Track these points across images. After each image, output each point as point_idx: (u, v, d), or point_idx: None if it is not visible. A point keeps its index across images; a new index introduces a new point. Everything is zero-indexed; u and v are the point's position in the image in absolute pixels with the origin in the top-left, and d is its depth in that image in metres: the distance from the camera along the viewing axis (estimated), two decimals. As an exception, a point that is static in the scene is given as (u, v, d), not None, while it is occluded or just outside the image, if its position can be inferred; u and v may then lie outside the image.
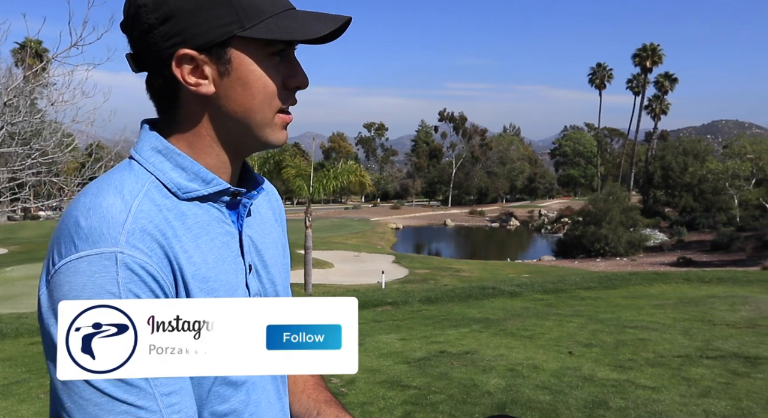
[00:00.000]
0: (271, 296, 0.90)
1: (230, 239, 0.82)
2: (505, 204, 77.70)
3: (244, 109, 0.79)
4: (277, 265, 0.93)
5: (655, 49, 60.62)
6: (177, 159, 0.80)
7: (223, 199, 0.82)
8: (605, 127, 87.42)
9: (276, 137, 0.83)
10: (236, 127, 0.81)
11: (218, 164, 0.82)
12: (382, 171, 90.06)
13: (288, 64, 0.81)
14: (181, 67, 0.76)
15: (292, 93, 0.83)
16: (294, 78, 0.81)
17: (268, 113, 0.80)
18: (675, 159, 49.17)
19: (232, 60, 0.77)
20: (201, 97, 0.78)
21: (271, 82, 0.79)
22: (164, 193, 0.78)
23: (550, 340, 6.53)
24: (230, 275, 0.80)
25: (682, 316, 7.97)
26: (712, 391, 4.69)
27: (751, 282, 11.42)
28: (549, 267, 29.43)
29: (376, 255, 32.45)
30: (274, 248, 0.94)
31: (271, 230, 0.95)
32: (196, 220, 0.78)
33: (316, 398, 1.02)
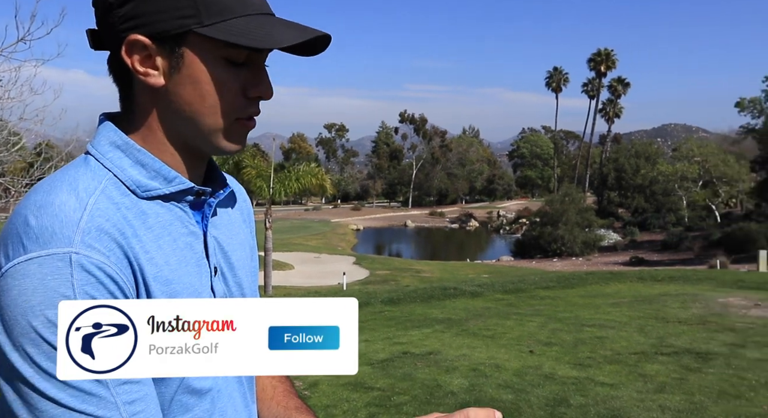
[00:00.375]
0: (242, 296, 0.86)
1: (194, 240, 0.78)
2: (465, 205, 78.59)
3: (193, 109, 0.74)
4: (244, 267, 0.89)
5: (609, 54, 62.43)
6: (137, 155, 0.75)
7: (187, 199, 0.78)
8: (561, 130, 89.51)
9: (228, 145, 0.77)
10: (185, 127, 0.76)
11: (174, 163, 0.77)
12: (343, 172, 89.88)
13: (252, 71, 0.76)
14: (131, 54, 0.72)
15: (253, 102, 0.77)
16: (256, 87, 0.76)
17: (220, 119, 0.75)
18: (628, 161, 50.72)
19: (185, 56, 0.73)
20: (153, 89, 0.74)
21: (227, 87, 0.74)
22: (123, 191, 0.73)
23: (512, 339, 6.62)
24: (194, 277, 0.76)
25: (637, 314, 8.20)
26: (667, 386, 4.84)
27: (701, 280, 11.85)
28: (508, 267, 29.90)
29: (337, 256, 32.33)
30: (241, 249, 0.89)
31: (239, 231, 0.91)
32: (158, 219, 0.74)
33: (286, 405, 0.98)
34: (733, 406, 4.37)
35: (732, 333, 6.81)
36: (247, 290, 0.88)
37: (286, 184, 19.18)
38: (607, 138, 72.11)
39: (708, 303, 8.94)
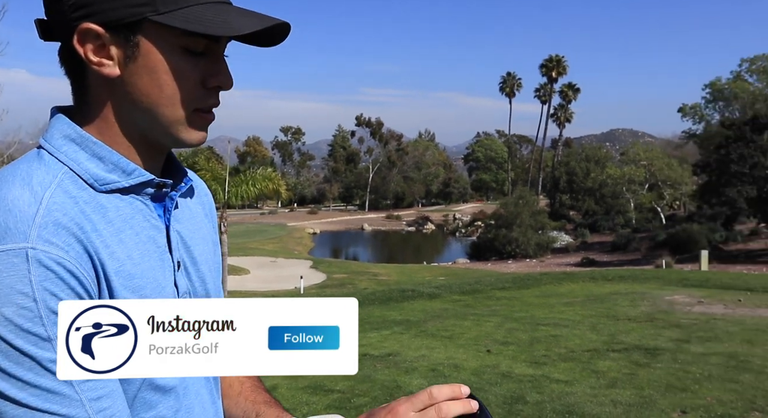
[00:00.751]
0: (200, 294, 0.84)
1: (156, 233, 0.76)
2: (421, 208, 79.19)
3: (150, 100, 0.72)
4: (207, 262, 0.86)
5: (560, 60, 64.12)
6: (93, 148, 0.72)
7: (147, 192, 0.76)
8: (515, 134, 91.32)
9: (189, 136, 0.75)
10: (143, 119, 0.74)
11: (130, 155, 0.75)
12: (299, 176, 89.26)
13: (211, 61, 0.74)
14: (84, 43, 0.70)
15: (212, 92, 0.75)
16: (215, 77, 0.74)
17: (178, 110, 0.73)
18: (578, 165, 52.19)
19: (141, 45, 0.70)
20: (108, 80, 0.71)
21: (185, 76, 0.72)
22: (80, 184, 0.70)
23: (469, 339, 6.71)
24: (157, 271, 0.74)
25: (590, 312, 8.44)
26: (618, 382, 5.00)
27: (648, 279, 12.29)
28: (464, 269, 30.28)
29: (294, 260, 32.07)
30: (204, 244, 0.87)
31: (201, 225, 0.89)
32: (118, 213, 0.72)
33: (254, 400, 0.96)
34: (680, 398, 4.54)
35: (677, 329, 7.08)
36: (210, 286, 0.86)
37: (242, 188, 18.94)
38: (558, 142, 74.01)
39: (655, 301, 9.27)
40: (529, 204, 39.46)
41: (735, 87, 46.44)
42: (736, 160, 28.89)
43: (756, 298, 9.55)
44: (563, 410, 4.31)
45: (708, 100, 49.65)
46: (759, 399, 4.46)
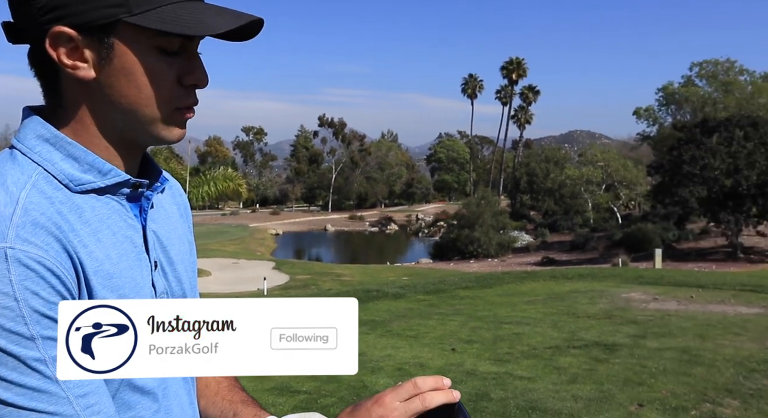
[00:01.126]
0: (177, 294, 0.84)
1: (133, 233, 0.76)
2: (384, 209, 79.36)
3: (129, 101, 0.72)
4: (183, 262, 0.87)
5: (520, 62, 65.24)
6: (68, 148, 0.72)
7: (123, 192, 0.76)
8: (476, 135, 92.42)
9: (169, 134, 0.76)
10: (122, 120, 0.74)
11: (108, 156, 0.75)
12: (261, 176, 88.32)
13: (186, 59, 0.74)
14: (56, 46, 0.69)
15: (189, 90, 0.75)
16: (191, 75, 0.74)
17: (157, 109, 0.73)
18: (539, 166, 53.19)
19: (115, 47, 0.70)
20: (83, 82, 0.71)
21: (162, 76, 0.72)
22: (55, 185, 0.70)
23: (434, 338, 6.78)
24: (135, 271, 0.74)
25: (551, 310, 8.63)
26: (579, 377, 5.13)
27: (606, 277, 12.63)
28: (427, 269, 30.50)
29: (256, 262, 31.70)
30: (180, 244, 0.87)
31: (177, 225, 0.89)
32: (94, 213, 0.71)
33: (231, 399, 0.97)
34: (637, 392, 4.70)
35: (634, 325, 7.31)
36: (186, 286, 0.86)
37: (203, 188, 18.65)
38: (519, 143, 75.27)
39: (613, 298, 9.54)
40: (491, 204, 40.00)
41: (685, 91, 48.16)
42: (687, 161, 29.89)
43: (707, 294, 9.93)
44: (526, 406, 4.41)
45: (661, 104, 51.34)
46: (710, 391, 4.65)
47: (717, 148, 29.68)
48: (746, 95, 45.11)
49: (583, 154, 55.81)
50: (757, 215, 30.27)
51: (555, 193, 49.73)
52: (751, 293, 10.00)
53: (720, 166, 29.40)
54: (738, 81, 46.77)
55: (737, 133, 29.94)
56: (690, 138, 31.11)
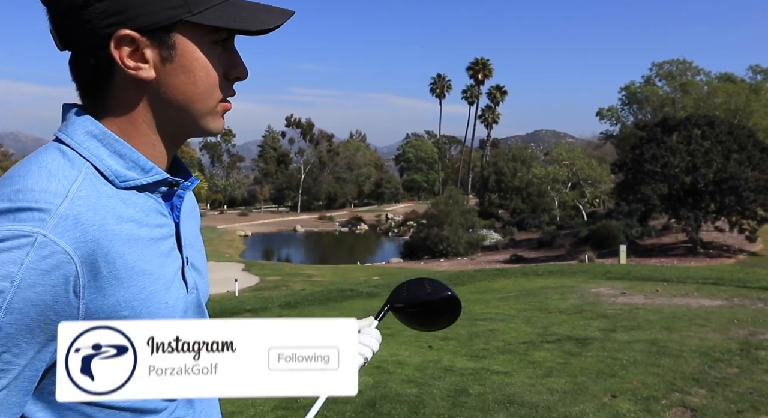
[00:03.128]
0: (203, 289, 0.87)
1: (168, 230, 0.79)
2: (354, 209, 79.26)
3: (186, 97, 0.76)
4: (202, 258, 0.91)
5: (485, 63, 65.93)
6: (115, 145, 0.74)
7: (161, 190, 0.79)
8: (444, 135, 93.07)
9: (216, 125, 0.81)
10: (176, 115, 0.77)
11: (154, 153, 0.78)
12: (229, 177, 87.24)
13: (229, 54, 0.79)
14: (120, 49, 0.71)
15: (231, 84, 0.81)
16: (235, 69, 0.79)
17: (210, 102, 0.78)
18: (506, 165, 53.88)
19: (177, 46, 0.73)
20: (139, 82, 0.74)
21: (215, 71, 0.76)
22: (101, 180, 0.72)
23: (411, 336, 6.83)
24: (168, 268, 0.77)
25: (523, 306, 8.78)
26: (553, 371, 5.24)
27: (575, 273, 12.90)
28: (397, 269, 30.59)
29: (225, 263, 31.31)
30: (198, 242, 0.92)
31: (195, 223, 0.93)
32: (137, 209, 0.74)
33: None
34: (609, 383, 4.82)
35: (604, 319, 7.49)
36: (206, 277, 0.90)
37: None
38: (486, 143, 76.09)
39: (583, 294, 9.75)
40: (460, 203, 40.35)
41: (646, 91, 49.44)
42: (649, 159, 30.68)
43: (671, 288, 10.23)
44: (504, 400, 4.49)
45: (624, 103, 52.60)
46: (678, 381, 4.81)
47: (677, 146, 30.56)
48: (703, 95, 46.56)
49: (549, 153, 56.77)
50: (715, 211, 31.27)
51: (522, 191, 50.45)
52: (713, 286, 10.35)
53: (680, 164, 30.28)
54: (695, 82, 48.23)
55: (695, 132, 30.88)
56: (651, 137, 31.96)
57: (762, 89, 46.61)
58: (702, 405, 4.22)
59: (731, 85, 45.39)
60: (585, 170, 44.96)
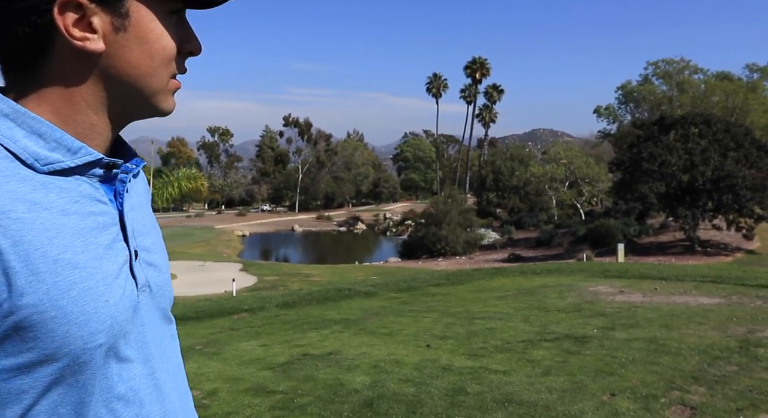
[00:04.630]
0: (160, 285, 0.76)
1: (107, 219, 0.68)
2: (352, 208, 79.28)
3: (140, 72, 0.67)
4: (161, 251, 0.80)
5: (483, 62, 65.98)
6: (31, 124, 0.64)
7: (95, 173, 0.68)
8: (442, 134, 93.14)
9: (168, 104, 0.72)
10: (125, 92, 0.68)
11: (91, 134, 0.68)
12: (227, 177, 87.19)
13: (183, 26, 0.71)
14: (64, 16, 0.62)
15: (184, 59, 0.72)
16: (189, 42, 0.71)
17: (163, 78, 0.69)
18: (504, 164, 53.94)
19: (131, 13, 0.65)
20: (83, 55, 0.64)
21: (172, 43, 0.68)
22: (16, 165, 0.62)
23: (408, 335, 6.80)
24: (107, 261, 0.66)
25: (521, 305, 8.75)
26: (552, 369, 5.22)
27: (573, 272, 12.88)
28: (395, 268, 30.60)
29: (223, 264, 31.32)
30: (153, 230, 0.80)
31: (148, 209, 0.82)
32: (60, 196, 0.64)
33: None
34: (608, 382, 4.80)
35: (603, 318, 7.47)
36: (165, 274, 0.79)
37: (167, 190, 18.35)
38: (484, 142, 76.17)
39: (581, 292, 9.74)
40: (458, 202, 40.38)
41: (643, 89, 49.53)
42: (646, 158, 30.71)
43: (670, 286, 10.22)
44: (503, 399, 4.46)
45: (621, 102, 52.71)
46: (677, 379, 4.79)
47: (674, 145, 30.59)
48: (700, 94, 46.64)
49: (546, 152, 56.88)
50: (713, 209, 31.32)
51: (520, 190, 50.50)
52: (711, 284, 10.33)
53: (677, 162, 30.31)
54: (692, 80, 48.35)
55: (692, 130, 30.93)
56: (648, 135, 31.99)
57: (759, 87, 46.71)
58: (701, 403, 4.19)
59: (729, 84, 45.50)
60: (583, 169, 45.02)
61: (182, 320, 9.28)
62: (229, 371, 5.50)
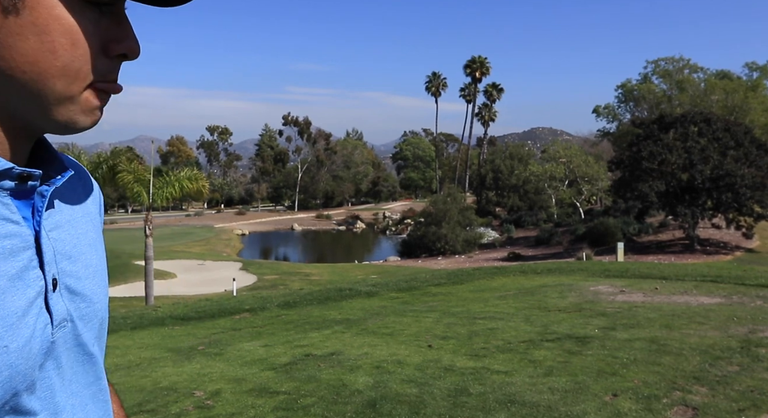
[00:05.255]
0: (86, 319, 0.64)
1: (17, 242, 0.56)
2: (351, 207, 79.34)
3: (39, 70, 0.54)
4: (96, 275, 0.67)
5: (482, 61, 65.95)
6: None
7: (5, 186, 0.56)
8: (441, 133, 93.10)
9: (82, 119, 0.58)
10: (21, 94, 0.55)
11: None
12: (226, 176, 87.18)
13: (115, 22, 0.57)
14: None
15: (114, 63, 0.58)
16: (120, 42, 0.57)
17: (73, 84, 0.55)
18: (503, 163, 53.97)
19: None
20: None
21: (84, 40, 0.55)
22: None
23: (410, 335, 6.80)
24: (14, 295, 0.54)
25: (522, 305, 8.76)
26: (554, 370, 5.23)
27: (573, 271, 12.89)
28: (395, 267, 30.60)
29: (222, 263, 31.34)
30: (92, 252, 0.67)
31: (88, 228, 0.68)
32: None
33: None
34: (610, 382, 4.81)
35: (604, 317, 7.48)
36: (98, 307, 0.67)
37: (167, 189, 18.34)
38: (483, 141, 76.11)
39: (581, 292, 9.75)
40: (457, 201, 40.40)
41: (642, 88, 49.55)
42: (646, 157, 30.72)
43: (670, 286, 10.23)
44: (505, 400, 4.47)
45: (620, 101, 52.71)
46: (679, 379, 4.80)
47: (673, 143, 30.61)
48: (700, 92, 46.66)
49: (546, 151, 56.88)
50: (712, 208, 31.35)
51: (519, 189, 50.54)
52: (712, 283, 10.34)
53: (676, 161, 30.33)
54: (691, 79, 48.38)
55: (692, 129, 30.94)
56: (648, 134, 32.00)
57: (759, 86, 46.75)
58: (703, 404, 4.21)
59: (728, 82, 45.52)
60: (582, 168, 45.06)
61: (183, 320, 9.29)
62: (232, 372, 5.51)
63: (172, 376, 5.49)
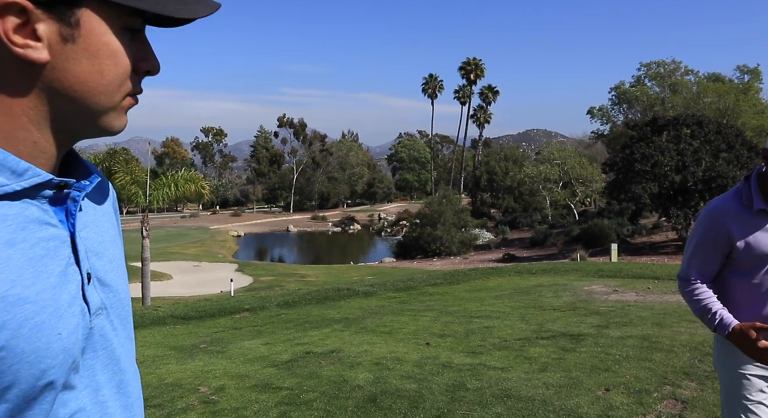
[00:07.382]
0: (116, 308, 0.72)
1: (59, 244, 0.63)
2: (347, 209, 79.32)
3: (88, 88, 0.62)
4: (118, 270, 0.75)
5: (477, 63, 66.11)
6: None
7: (45, 195, 0.63)
8: (437, 135, 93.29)
9: (119, 123, 0.68)
10: (71, 109, 0.63)
11: (34, 153, 0.63)
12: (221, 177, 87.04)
13: (141, 43, 0.66)
14: (4, 19, 0.57)
15: (139, 78, 0.68)
16: (147, 61, 0.67)
17: (116, 97, 0.65)
18: (498, 164, 54.15)
19: (82, 24, 0.60)
20: (25, 65, 0.59)
21: (126, 60, 0.64)
22: None
23: (408, 334, 6.94)
24: (58, 290, 0.62)
25: (518, 304, 8.90)
26: (549, 366, 5.37)
27: (568, 272, 13.05)
28: (390, 269, 30.68)
29: (218, 264, 31.36)
30: (114, 248, 0.76)
31: (109, 227, 0.77)
32: (5, 225, 0.58)
33: None
34: (603, 378, 4.96)
35: (597, 316, 7.63)
36: (123, 296, 0.75)
37: (163, 191, 18.40)
38: (478, 142, 76.31)
39: (576, 291, 9.90)
40: (452, 203, 40.50)
41: (635, 91, 49.84)
42: (639, 159, 30.92)
43: (662, 285, 10.40)
44: (501, 394, 4.61)
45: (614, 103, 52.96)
46: (669, 375, 4.95)
47: (666, 145, 30.83)
48: (692, 95, 46.96)
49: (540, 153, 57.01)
50: (705, 209, 31.52)
51: (514, 191, 50.71)
52: (703, 283, 10.52)
53: (669, 163, 30.55)
54: (684, 81, 48.66)
55: (684, 131, 31.18)
56: (641, 136, 32.21)
57: (751, 89, 47.11)
58: (692, 397, 4.35)
59: (721, 85, 45.82)
60: (576, 169, 45.24)
61: (184, 319, 9.39)
62: (235, 369, 5.63)
63: (177, 373, 5.60)
